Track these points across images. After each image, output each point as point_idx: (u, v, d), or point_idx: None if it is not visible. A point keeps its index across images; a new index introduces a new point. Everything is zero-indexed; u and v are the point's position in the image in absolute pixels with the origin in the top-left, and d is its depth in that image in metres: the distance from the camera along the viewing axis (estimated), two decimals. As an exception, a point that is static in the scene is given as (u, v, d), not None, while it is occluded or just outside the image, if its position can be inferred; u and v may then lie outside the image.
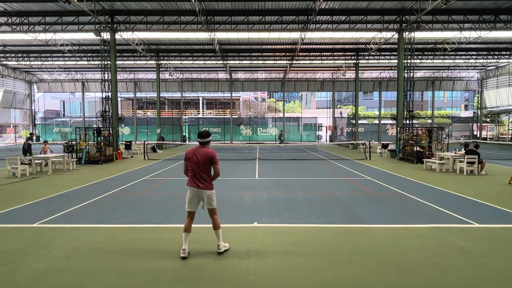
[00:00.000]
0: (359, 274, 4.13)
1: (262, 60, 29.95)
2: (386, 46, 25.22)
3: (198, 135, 4.90)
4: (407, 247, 5.02)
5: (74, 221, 6.41)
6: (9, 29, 19.81)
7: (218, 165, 4.83)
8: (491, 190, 9.60)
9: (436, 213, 7.02)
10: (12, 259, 4.60)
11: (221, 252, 4.75)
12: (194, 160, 4.75)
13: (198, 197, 4.77)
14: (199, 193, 4.74)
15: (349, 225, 6.20)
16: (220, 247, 4.77)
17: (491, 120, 39.56)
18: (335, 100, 41.29)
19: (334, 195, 8.82)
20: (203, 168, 4.74)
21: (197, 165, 4.73)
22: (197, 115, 46.91)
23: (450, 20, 19.37)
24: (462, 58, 30.28)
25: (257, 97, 61.93)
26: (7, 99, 36.00)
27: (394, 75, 35.48)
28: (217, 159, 4.82)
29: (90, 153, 16.54)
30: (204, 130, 4.99)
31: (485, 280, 3.99)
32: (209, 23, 19.58)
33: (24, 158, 13.17)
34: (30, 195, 8.74)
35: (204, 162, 4.72)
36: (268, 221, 6.39)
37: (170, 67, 33.13)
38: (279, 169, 14.18)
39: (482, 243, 5.22)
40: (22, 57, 29.52)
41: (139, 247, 5.04)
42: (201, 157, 4.73)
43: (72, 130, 33.62)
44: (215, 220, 4.82)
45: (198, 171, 4.73)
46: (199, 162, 4.72)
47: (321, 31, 20.22)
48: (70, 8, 17.58)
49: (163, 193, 9.29)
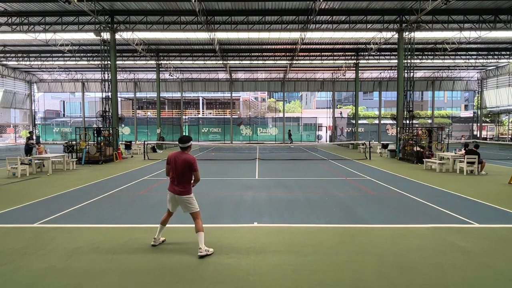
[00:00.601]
0: (359, 274, 4.13)
1: (262, 60, 29.95)
2: (386, 46, 25.21)
3: (179, 140, 4.86)
4: (407, 247, 5.02)
5: (74, 221, 6.41)
6: (9, 29, 19.80)
7: (197, 172, 4.81)
8: (491, 190, 9.60)
9: (436, 213, 7.02)
10: (12, 259, 4.60)
11: (202, 256, 4.58)
12: (173, 166, 4.76)
13: (176, 201, 4.82)
14: (177, 198, 4.78)
15: (349, 225, 6.20)
16: (201, 250, 4.60)
17: (491, 120, 39.56)
18: (335, 100, 41.29)
19: (334, 195, 8.82)
20: (181, 174, 4.73)
21: (175, 171, 4.73)
22: (197, 115, 46.92)
23: (450, 20, 19.37)
24: (462, 58, 30.27)
25: (257, 97, 61.94)
26: (7, 99, 35.99)
27: (394, 75, 35.48)
28: (196, 166, 4.78)
29: (90, 153, 16.54)
30: (184, 135, 4.97)
31: (485, 280, 3.99)
32: (209, 23, 19.58)
33: (25, 158, 13.17)
34: (30, 195, 8.74)
35: (182, 168, 4.71)
36: (268, 221, 6.39)
37: (170, 67, 33.13)
38: (279, 169, 14.18)
39: (482, 243, 5.22)
40: (22, 57, 29.51)
41: (139, 247, 5.04)
42: (181, 164, 4.71)
43: (72, 130, 33.63)
44: (197, 223, 4.76)
45: (176, 177, 4.74)
46: (177, 168, 4.72)
47: (321, 31, 20.22)
48: (70, 8, 17.58)
49: (163, 193, 9.25)
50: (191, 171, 4.75)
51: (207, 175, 12.51)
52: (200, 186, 10.38)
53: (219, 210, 7.31)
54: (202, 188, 9.99)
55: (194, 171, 4.76)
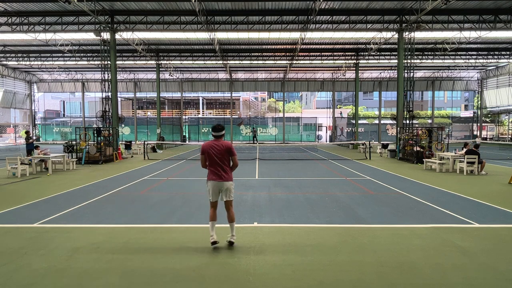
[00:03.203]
0: (359, 274, 4.13)
1: (262, 60, 29.95)
2: (386, 46, 25.22)
3: (213, 129, 4.97)
4: (407, 247, 5.02)
5: (74, 221, 6.41)
6: (9, 29, 19.80)
7: (236, 156, 4.96)
8: (491, 190, 9.60)
9: (436, 213, 7.02)
10: (12, 259, 4.60)
11: (233, 243, 4.93)
12: (212, 153, 4.85)
13: (218, 188, 4.91)
14: (219, 185, 4.88)
15: (349, 225, 6.20)
16: (234, 237, 4.95)
17: (491, 120, 39.56)
18: (335, 100, 41.29)
19: (334, 195, 8.82)
20: (222, 159, 4.85)
21: (216, 158, 4.83)
22: (197, 115, 46.91)
23: (450, 20, 19.37)
24: (462, 58, 30.27)
25: (257, 97, 61.97)
26: (7, 99, 35.99)
27: (394, 75, 35.48)
28: (234, 150, 4.96)
29: (90, 153, 16.54)
30: (218, 124, 5.06)
31: (485, 280, 3.99)
32: (209, 23, 19.58)
33: (25, 158, 13.17)
34: (30, 195, 8.74)
35: (222, 154, 4.84)
36: (268, 221, 6.39)
37: (170, 67, 33.13)
38: (279, 169, 14.18)
39: (482, 243, 5.22)
40: (22, 57, 29.51)
41: (139, 247, 5.04)
42: (219, 149, 4.84)
43: (72, 130, 33.62)
44: (231, 212, 4.95)
45: (217, 163, 4.83)
46: (217, 155, 4.82)
47: (321, 31, 20.22)
48: (70, 8, 17.58)
49: (163, 193, 9.28)
50: (230, 156, 4.90)
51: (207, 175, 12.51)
52: (200, 186, 10.39)
53: (219, 210, 7.29)
54: (203, 188, 10.00)
55: (233, 155, 4.92)
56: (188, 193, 9.28)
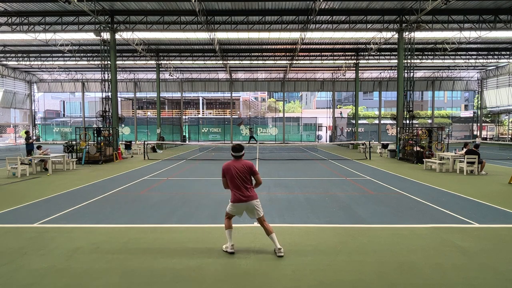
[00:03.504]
0: (359, 274, 4.13)
1: (262, 60, 29.94)
2: (386, 46, 25.21)
3: (233, 149, 4.91)
4: (407, 247, 5.02)
5: (74, 221, 6.41)
6: (9, 29, 19.80)
7: (258, 175, 4.89)
8: (491, 190, 9.60)
9: (436, 213, 7.02)
10: (12, 259, 4.60)
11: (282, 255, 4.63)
12: (233, 174, 4.76)
13: (243, 210, 4.82)
14: (244, 206, 4.78)
15: (349, 225, 6.20)
16: (281, 250, 4.67)
17: (491, 120, 39.56)
18: (335, 100, 41.28)
19: (334, 195, 8.82)
20: (245, 180, 4.78)
21: (238, 179, 4.75)
22: (197, 115, 46.90)
23: (450, 20, 19.37)
24: (462, 58, 30.26)
25: (257, 97, 61.97)
26: (7, 99, 35.99)
27: (394, 75, 35.47)
28: (256, 169, 4.90)
29: (90, 153, 16.54)
30: (237, 144, 5.00)
31: (485, 280, 3.99)
32: (209, 23, 19.58)
33: (25, 158, 13.17)
34: (30, 195, 8.74)
35: (244, 174, 4.77)
36: (268, 221, 6.35)
37: (170, 67, 33.12)
38: (279, 169, 14.18)
39: (482, 243, 5.22)
40: (22, 57, 29.50)
41: (139, 247, 5.04)
42: (241, 170, 4.78)
43: (72, 130, 33.60)
44: (267, 227, 4.79)
45: (240, 184, 4.76)
46: (240, 176, 4.76)
47: (321, 31, 20.22)
48: (70, 8, 17.58)
49: (163, 193, 9.28)
50: (252, 175, 4.84)
51: (207, 175, 12.52)
52: (200, 186, 10.40)
53: (219, 210, 7.30)
54: (203, 188, 10.00)
55: (255, 174, 4.85)
56: (188, 193, 9.28)
